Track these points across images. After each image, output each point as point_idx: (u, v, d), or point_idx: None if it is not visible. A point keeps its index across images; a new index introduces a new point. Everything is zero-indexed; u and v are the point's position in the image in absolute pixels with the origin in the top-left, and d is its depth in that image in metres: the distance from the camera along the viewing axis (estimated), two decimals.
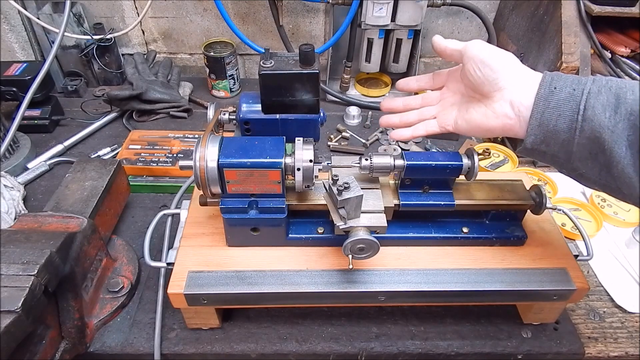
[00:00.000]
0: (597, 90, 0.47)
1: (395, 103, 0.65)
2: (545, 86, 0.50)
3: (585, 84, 0.48)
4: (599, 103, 0.46)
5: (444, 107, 0.62)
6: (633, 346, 0.71)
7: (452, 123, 0.60)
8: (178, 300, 0.62)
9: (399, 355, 0.68)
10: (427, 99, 0.64)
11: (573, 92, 0.48)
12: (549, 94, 0.49)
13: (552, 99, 0.49)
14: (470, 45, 0.55)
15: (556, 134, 0.49)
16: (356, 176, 0.60)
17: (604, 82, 0.47)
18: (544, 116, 0.49)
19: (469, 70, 0.55)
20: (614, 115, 0.45)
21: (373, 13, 1.08)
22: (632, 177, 0.46)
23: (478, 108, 0.56)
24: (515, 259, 0.66)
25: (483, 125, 0.55)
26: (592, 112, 0.46)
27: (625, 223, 0.91)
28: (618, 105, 0.45)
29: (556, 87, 0.49)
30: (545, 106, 0.49)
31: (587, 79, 0.48)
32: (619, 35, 1.06)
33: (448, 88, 0.62)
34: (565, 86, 0.49)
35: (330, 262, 0.65)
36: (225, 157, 0.56)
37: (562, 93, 0.48)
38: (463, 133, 0.60)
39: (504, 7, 1.26)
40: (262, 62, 0.60)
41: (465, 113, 0.58)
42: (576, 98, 0.47)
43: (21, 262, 0.54)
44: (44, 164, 0.98)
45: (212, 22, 1.28)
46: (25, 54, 1.26)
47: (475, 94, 0.57)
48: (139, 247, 0.82)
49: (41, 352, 0.58)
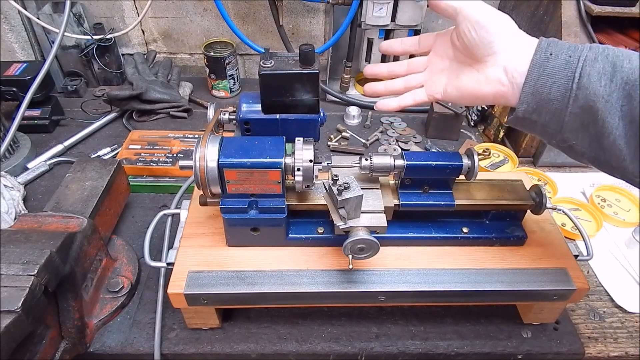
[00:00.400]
0: (593, 58, 0.45)
1: (379, 68, 0.62)
2: (541, 52, 0.48)
3: (581, 51, 0.46)
4: (595, 71, 0.45)
5: (432, 74, 0.59)
6: (633, 346, 0.71)
7: (441, 90, 0.57)
8: (178, 300, 0.62)
9: (399, 355, 0.68)
10: (413, 65, 0.61)
11: (569, 59, 0.46)
12: (544, 60, 0.47)
13: (547, 66, 0.47)
14: (467, 4, 0.52)
15: (549, 102, 0.47)
16: (356, 176, 0.60)
17: (601, 49, 0.46)
18: (538, 83, 0.47)
19: (463, 31, 0.52)
20: (609, 84, 0.44)
21: (373, 13, 1.08)
22: (622, 148, 0.45)
23: (469, 74, 0.54)
24: (515, 259, 0.66)
25: (475, 92, 0.53)
26: (587, 80, 0.45)
27: (625, 223, 0.91)
28: (614, 73, 0.44)
29: (552, 53, 0.47)
30: (539, 73, 0.47)
31: (583, 46, 0.47)
32: (619, 35, 1.06)
33: (435, 53, 0.59)
34: (561, 52, 0.47)
35: (330, 262, 0.65)
36: (225, 157, 0.56)
37: (558, 60, 0.47)
38: (452, 101, 0.57)
39: (504, 7, 1.26)
40: (262, 62, 0.60)
41: (455, 79, 0.56)
42: (572, 65, 0.46)
43: (21, 262, 0.54)
44: (44, 164, 0.98)
45: (212, 22, 1.28)
46: (25, 54, 1.26)
47: (466, 58, 0.55)
48: (139, 247, 0.82)
49: (41, 352, 0.58)
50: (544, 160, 1.04)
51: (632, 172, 0.46)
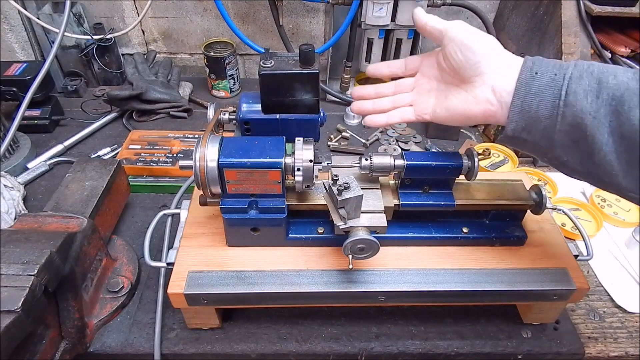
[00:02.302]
0: (578, 75, 0.46)
1: (366, 90, 0.63)
2: (526, 71, 0.48)
3: (567, 69, 0.47)
4: (581, 88, 0.45)
5: (420, 94, 0.60)
6: (633, 346, 0.71)
7: (430, 112, 0.58)
8: (178, 300, 0.62)
9: (399, 355, 0.68)
10: (400, 86, 0.61)
11: (554, 77, 0.47)
12: (530, 79, 0.48)
13: (533, 85, 0.47)
14: (452, 26, 0.53)
15: (537, 120, 0.48)
16: (356, 176, 0.60)
17: (586, 66, 0.46)
18: (525, 102, 0.48)
19: (450, 53, 0.53)
20: (595, 101, 0.44)
21: (373, 13, 1.08)
22: (613, 164, 0.45)
23: (458, 94, 0.54)
24: (515, 259, 0.66)
25: (464, 112, 0.54)
26: (573, 97, 0.45)
27: (625, 223, 0.91)
28: (600, 90, 0.44)
29: (537, 72, 0.48)
30: (526, 92, 0.48)
31: (568, 64, 0.47)
32: (619, 35, 1.06)
33: (422, 74, 0.60)
34: (546, 71, 0.47)
35: (330, 262, 0.65)
36: (225, 157, 0.56)
37: (544, 78, 0.47)
38: (441, 122, 0.58)
39: (504, 7, 1.26)
40: (262, 62, 0.60)
41: (444, 100, 0.56)
42: (557, 83, 0.46)
43: (21, 262, 0.54)
44: (44, 164, 0.98)
45: (212, 22, 1.28)
46: (25, 54, 1.26)
47: (453, 79, 0.55)
48: (139, 247, 0.82)
49: (41, 352, 0.58)
50: None
51: (625, 187, 0.46)
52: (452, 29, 0.53)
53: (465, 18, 1.29)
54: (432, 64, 0.59)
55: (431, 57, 0.59)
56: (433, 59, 0.58)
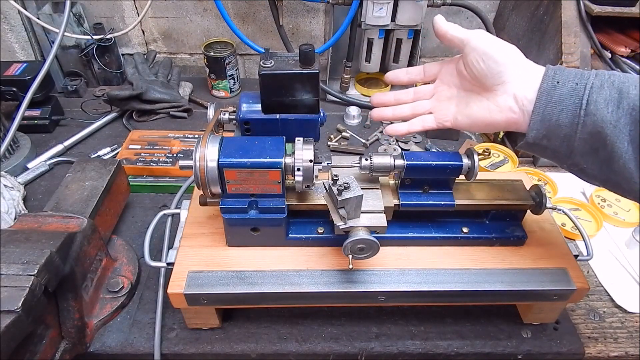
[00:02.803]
0: (599, 85, 0.47)
1: (386, 97, 0.63)
2: (547, 80, 0.49)
3: (588, 78, 0.47)
4: (602, 98, 0.46)
5: (440, 101, 0.60)
6: (633, 346, 0.71)
7: (451, 119, 0.58)
8: (178, 300, 0.62)
9: (399, 355, 0.68)
10: (419, 93, 0.62)
11: (575, 87, 0.48)
12: (551, 88, 0.49)
13: (554, 94, 0.48)
14: (474, 36, 0.53)
15: (558, 128, 0.49)
16: (356, 176, 0.60)
17: (607, 76, 0.47)
18: (546, 110, 0.49)
19: (472, 62, 0.54)
20: (616, 110, 0.45)
21: (373, 13, 1.08)
22: (632, 172, 0.46)
23: (479, 102, 0.55)
24: (515, 259, 0.66)
25: (486, 120, 0.54)
26: (594, 106, 0.46)
27: (625, 223, 0.91)
28: (620, 100, 0.45)
29: (559, 81, 0.48)
30: (547, 100, 0.49)
31: (589, 73, 0.48)
32: (619, 35, 1.06)
33: (442, 81, 0.60)
34: (568, 80, 0.48)
35: (330, 262, 0.65)
36: (225, 157, 0.56)
37: (565, 87, 0.48)
38: (463, 129, 0.59)
39: (504, 7, 1.26)
40: (262, 62, 0.60)
41: (465, 108, 0.57)
42: (579, 92, 0.47)
43: (21, 262, 0.54)
44: (44, 164, 0.98)
45: (212, 22, 1.28)
46: (25, 54, 1.26)
47: (474, 87, 0.56)
48: (139, 247, 0.82)
49: (41, 352, 0.58)
50: (544, 160, 1.04)
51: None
52: (474, 39, 0.53)
53: (465, 18, 1.29)
54: (451, 71, 0.59)
55: (450, 64, 0.59)
56: (452, 66, 0.59)
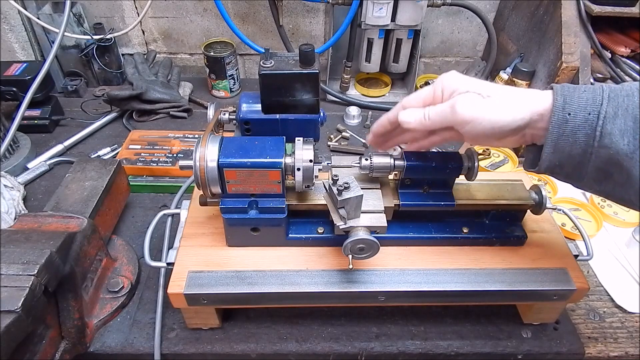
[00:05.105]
0: (613, 114, 0.45)
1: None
2: (558, 112, 0.47)
3: (600, 105, 0.45)
4: (617, 128, 0.44)
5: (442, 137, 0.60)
6: (633, 346, 0.71)
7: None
8: (178, 300, 0.62)
9: (399, 355, 0.68)
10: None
11: (588, 117, 0.46)
12: (562, 121, 0.47)
13: (566, 127, 0.47)
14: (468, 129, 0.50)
15: (570, 158, 0.48)
16: (356, 176, 0.60)
17: (620, 101, 0.45)
18: (559, 144, 0.48)
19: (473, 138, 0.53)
20: (632, 141, 0.43)
21: (373, 13, 1.08)
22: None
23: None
24: (515, 259, 0.66)
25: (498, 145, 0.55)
26: (609, 139, 0.44)
27: (625, 223, 0.91)
28: (636, 129, 0.43)
29: (570, 112, 0.46)
30: (559, 134, 0.47)
31: (601, 98, 0.46)
32: (619, 35, 1.06)
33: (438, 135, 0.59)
34: (579, 110, 0.46)
35: (330, 262, 0.65)
36: (225, 157, 0.56)
37: (577, 119, 0.46)
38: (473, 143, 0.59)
39: (504, 7, 1.26)
40: (262, 62, 0.60)
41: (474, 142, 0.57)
42: (592, 124, 0.45)
43: (21, 262, 0.54)
44: (44, 164, 0.98)
45: (212, 22, 1.28)
46: (25, 54, 1.26)
47: None
48: (139, 247, 0.82)
49: (41, 352, 0.58)
50: None
51: None
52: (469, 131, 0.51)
53: (465, 18, 1.29)
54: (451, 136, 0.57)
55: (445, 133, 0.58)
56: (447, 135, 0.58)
